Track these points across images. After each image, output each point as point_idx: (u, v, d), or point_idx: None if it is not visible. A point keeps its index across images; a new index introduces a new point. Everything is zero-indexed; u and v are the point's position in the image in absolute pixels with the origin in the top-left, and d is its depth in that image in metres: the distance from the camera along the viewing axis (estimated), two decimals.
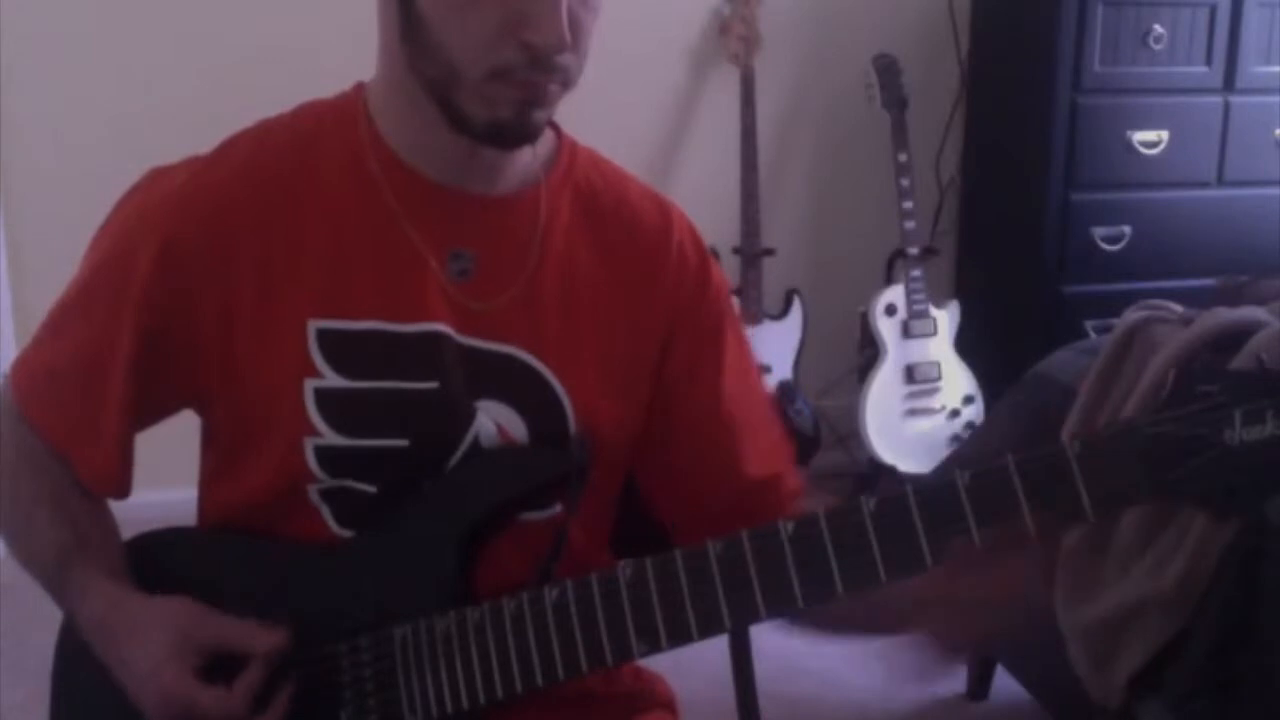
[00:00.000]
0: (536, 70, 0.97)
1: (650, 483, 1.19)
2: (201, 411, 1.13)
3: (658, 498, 1.19)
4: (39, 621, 1.27)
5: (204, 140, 1.14)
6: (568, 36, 0.95)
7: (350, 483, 1.07)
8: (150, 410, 1.11)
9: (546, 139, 1.10)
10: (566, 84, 1.01)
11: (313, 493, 1.07)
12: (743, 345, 1.20)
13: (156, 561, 1.10)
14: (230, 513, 1.11)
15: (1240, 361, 1.68)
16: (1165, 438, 0.81)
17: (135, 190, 1.11)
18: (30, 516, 1.10)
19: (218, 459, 1.13)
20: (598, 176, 1.15)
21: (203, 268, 1.05)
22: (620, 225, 1.14)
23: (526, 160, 1.10)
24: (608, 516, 1.19)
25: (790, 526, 0.91)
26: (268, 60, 2.98)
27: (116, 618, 1.04)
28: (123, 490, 1.11)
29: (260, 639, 1.01)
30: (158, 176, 1.11)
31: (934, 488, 0.87)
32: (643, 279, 1.14)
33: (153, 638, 1.01)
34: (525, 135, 1.02)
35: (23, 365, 1.13)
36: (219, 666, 1.00)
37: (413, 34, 0.99)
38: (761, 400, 1.21)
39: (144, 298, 1.04)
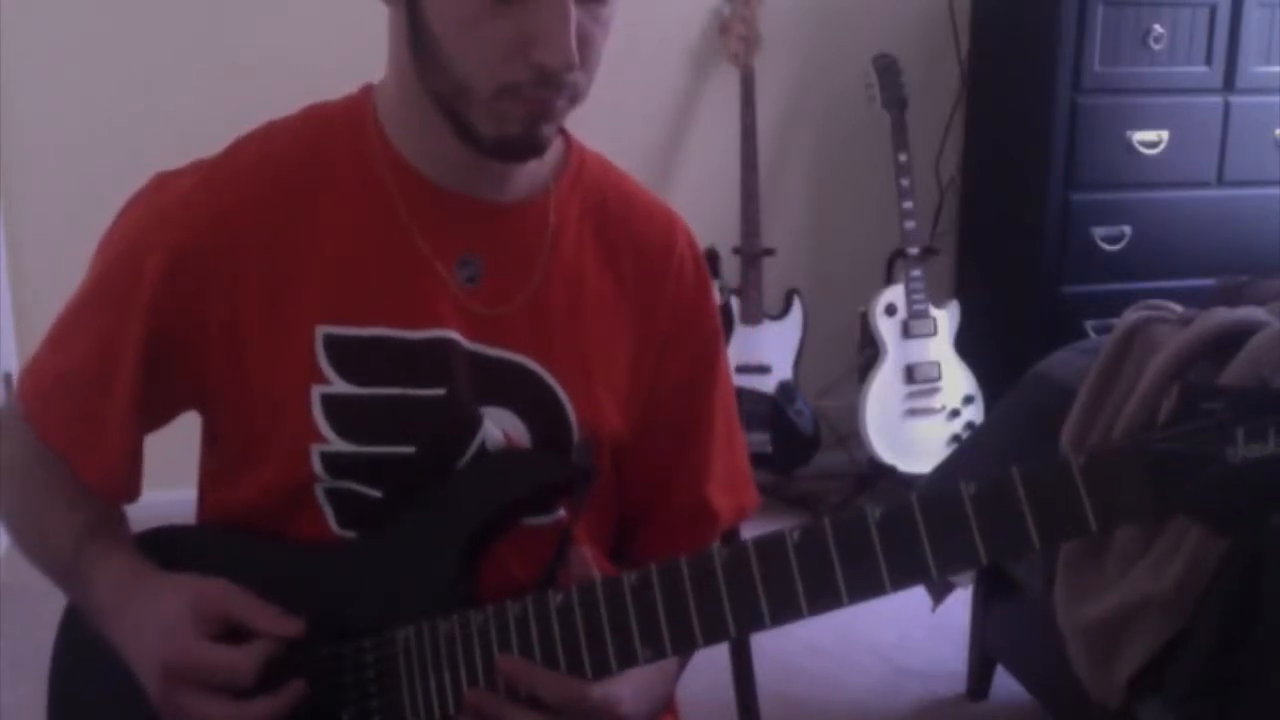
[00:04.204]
0: (545, 87, 0.97)
1: (620, 478, 1.19)
2: (206, 414, 1.13)
3: (622, 493, 1.20)
4: (39, 621, 1.27)
5: (205, 141, 1.14)
6: (576, 57, 0.95)
7: (355, 486, 1.07)
8: (157, 414, 1.10)
9: (555, 145, 1.10)
10: (575, 99, 1.01)
11: (319, 492, 1.07)
12: (727, 365, 1.22)
13: (157, 559, 1.09)
14: (231, 513, 1.11)
15: (1238, 362, 1.68)
16: (1169, 454, 0.82)
17: (141, 195, 1.11)
18: (47, 503, 1.10)
19: (220, 462, 1.12)
20: (606, 184, 1.16)
21: (210, 273, 1.04)
22: (626, 234, 1.15)
23: (536, 167, 1.10)
24: (610, 523, 1.19)
25: (796, 535, 0.91)
26: (268, 61, 2.98)
27: (135, 585, 1.04)
28: (131, 493, 1.11)
29: (276, 622, 1.00)
30: (164, 181, 1.10)
31: (939, 498, 0.87)
32: (646, 287, 1.14)
33: (169, 603, 1.01)
34: (533, 149, 1.02)
35: (30, 372, 1.13)
36: (233, 637, 1.00)
37: (422, 48, 0.99)
38: (737, 423, 1.24)
39: (151, 303, 1.04)
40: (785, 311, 3.26)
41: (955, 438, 3.19)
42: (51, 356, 1.11)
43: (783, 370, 3.22)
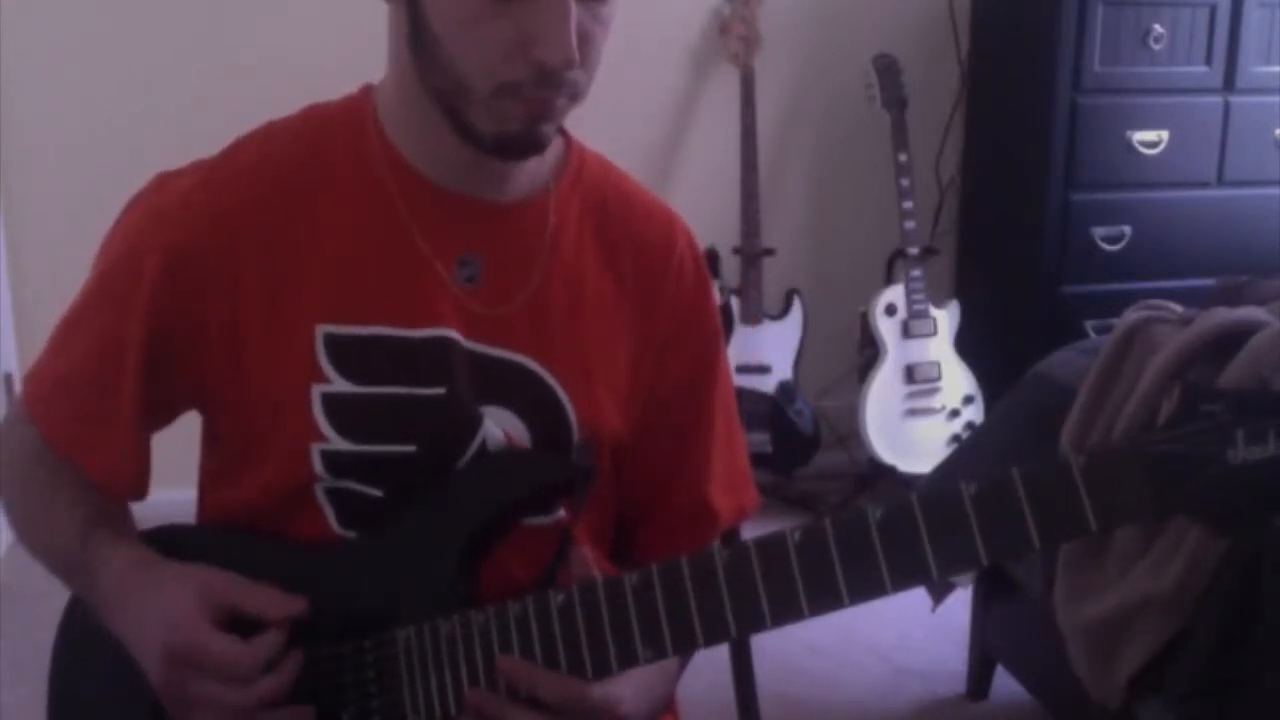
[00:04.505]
0: (545, 86, 0.97)
1: (620, 478, 1.19)
2: (206, 414, 1.13)
3: (622, 493, 1.20)
4: (39, 621, 1.27)
5: (205, 141, 1.14)
6: (576, 55, 0.95)
7: (355, 486, 1.07)
8: (159, 414, 1.10)
9: (555, 145, 1.10)
10: (575, 98, 1.01)
11: (319, 492, 1.07)
12: (727, 365, 1.22)
13: None
14: (231, 513, 1.11)
15: (1238, 362, 1.68)
16: (1169, 455, 0.82)
17: (141, 195, 1.11)
18: (50, 501, 1.10)
19: (221, 461, 1.13)
20: (606, 184, 1.16)
21: (210, 273, 1.05)
22: (626, 234, 1.15)
23: (535, 167, 1.10)
24: (609, 523, 1.19)
25: (797, 535, 0.91)
26: (268, 61, 2.98)
27: (140, 575, 1.04)
28: (139, 491, 1.11)
29: (279, 605, 1.01)
30: (164, 181, 1.10)
31: (939, 498, 0.87)
32: (646, 287, 1.15)
33: (173, 592, 1.01)
34: (533, 147, 1.02)
35: (33, 376, 1.13)
36: (238, 630, 1.00)
37: (422, 46, 0.99)
38: (737, 423, 1.24)
39: (151, 302, 1.04)
40: (785, 311, 3.26)
41: (955, 438, 3.19)
42: (54, 360, 1.11)
43: (783, 370, 3.22)
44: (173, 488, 1.29)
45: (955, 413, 3.22)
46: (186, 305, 1.05)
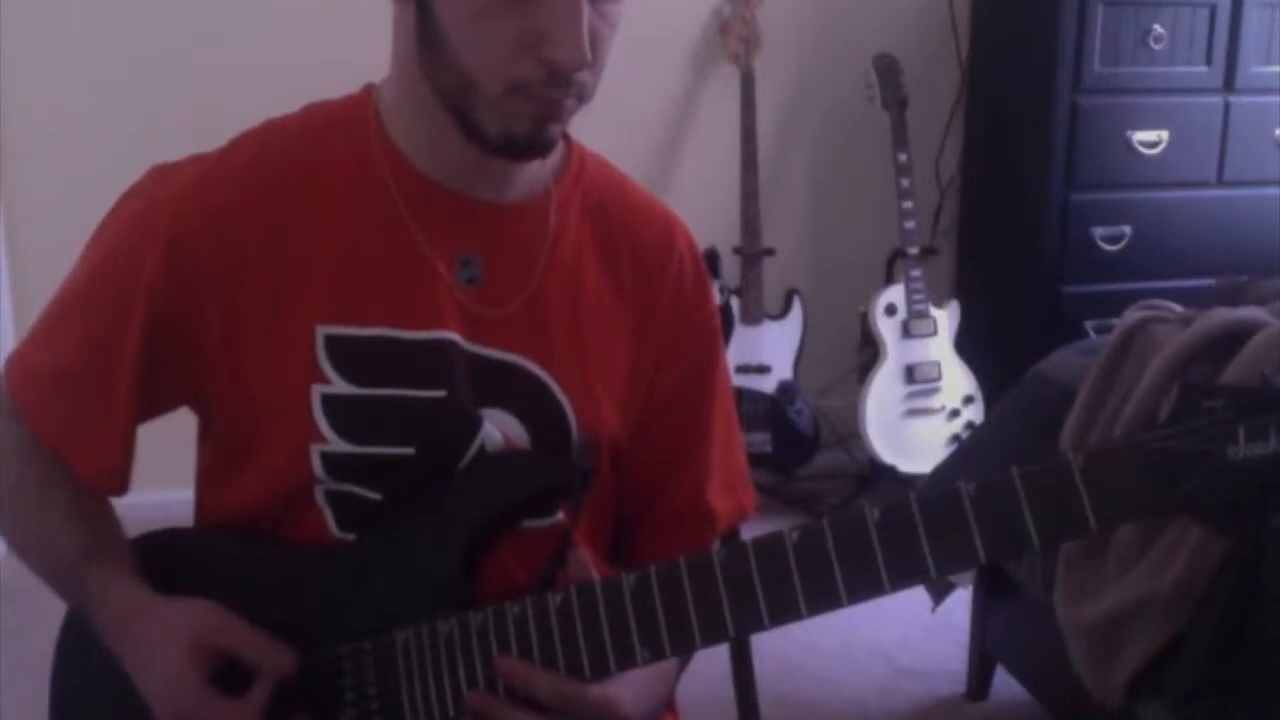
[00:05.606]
0: (554, 86, 0.96)
1: (619, 480, 1.19)
2: (201, 411, 1.12)
3: (621, 495, 1.20)
4: (39, 621, 1.27)
5: (205, 141, 1.14)
6: (589, 55, 0.95)
7: (354, 488, 1.07)
8: (152, 407, 1.09)
9: (557, 147, 1.10)
10: (582, 99, 1.00)
11: (319, 494, 1.07)
12: (726, 366, 1.23)
13: (158, 563, 1.09)
14: (230, 514, 1.10)
15: (1239, 362, 1.68)
16: (1169, 452, 0.82)
17: (138, 187, 1.10)
18: (43, 505, 1.09)
19: (219, 461, 1.12)
20: (606, 185, 1.16)
21: (210, 266, 1.04)
22: (626, 236, 1.15)
23: (537, 168, 1.09)
24: (608, 524, 1.19)
25: (795, 536, 0.91)
26: (268, 62, 2.98)
27: (136, 625, 1.04)
28: (122, 487, 1.10)
29: (270, 658, 1.01)
30: (161, 173, 1.10)
31: (938, 498, 0.87)
32: (645, 289, 1.14)
33: (168, 646, 1.01)
34: (539, 148, 1.02)
35: (19, 364, 1.12)
36: (231, 671, 1.00)
37: (430, 44, 0.98)
38: (736, 424, 1.24)
39: (151, 292, 1.04)
40: (785, 311, 3.26)
41: (955, 438, 3.19)
42: (43, 349, 1.10)
43: (783, 370, 3.23)
44: (173, 488, 1.29)
45: (955, 413, 3.22)
46: (187, 301, 1.04)
